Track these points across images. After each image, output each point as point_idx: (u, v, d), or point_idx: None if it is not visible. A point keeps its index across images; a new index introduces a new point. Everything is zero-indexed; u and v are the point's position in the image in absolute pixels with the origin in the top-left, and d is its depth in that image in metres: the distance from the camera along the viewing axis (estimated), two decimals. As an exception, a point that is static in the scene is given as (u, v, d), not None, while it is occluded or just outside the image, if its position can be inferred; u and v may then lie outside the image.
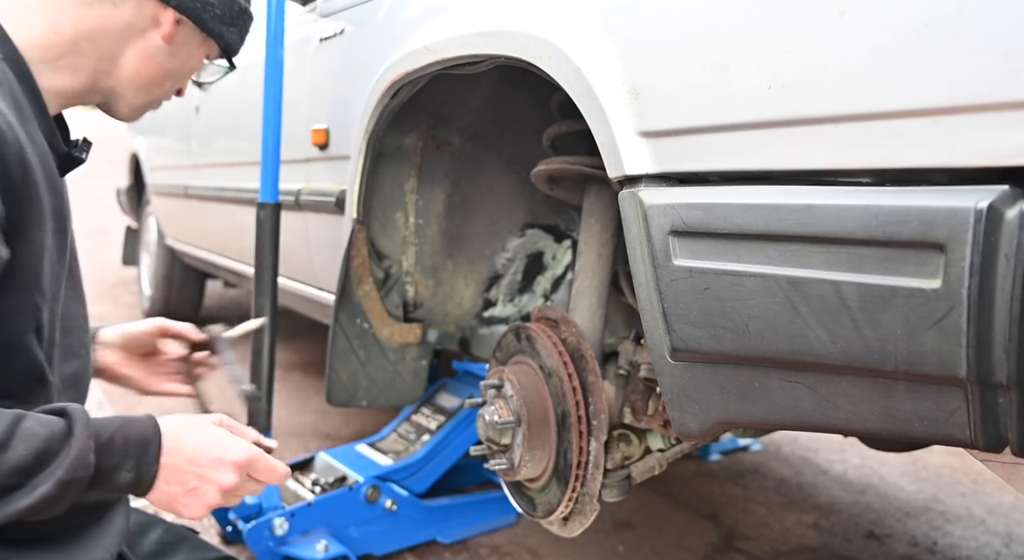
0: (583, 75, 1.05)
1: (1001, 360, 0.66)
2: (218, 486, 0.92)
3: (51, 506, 0.81)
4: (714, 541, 2.11)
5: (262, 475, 0.97)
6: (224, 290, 5.31)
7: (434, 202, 1.83)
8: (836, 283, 0.76)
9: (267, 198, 1.84)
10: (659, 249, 0.93)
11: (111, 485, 0.86)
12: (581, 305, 1.41)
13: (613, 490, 1.30)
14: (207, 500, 0.92)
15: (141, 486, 0.89)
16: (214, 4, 1.07)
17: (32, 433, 0.79)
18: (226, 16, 1.10)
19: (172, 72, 1.09)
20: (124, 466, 0.86)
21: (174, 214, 3.72)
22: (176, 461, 0.90)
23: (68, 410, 0.85)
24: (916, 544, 2.16)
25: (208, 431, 0.95)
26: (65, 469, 0.80)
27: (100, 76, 1.03)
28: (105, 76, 1.03)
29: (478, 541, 2.04)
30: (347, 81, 1.84)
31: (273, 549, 1.72)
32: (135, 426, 0.89)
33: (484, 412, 1.35)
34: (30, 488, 0.79)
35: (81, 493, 0.83)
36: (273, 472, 0.97)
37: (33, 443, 0.79)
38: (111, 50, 1.02)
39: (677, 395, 0.97)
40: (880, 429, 0.78)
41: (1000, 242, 0.65)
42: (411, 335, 1.84)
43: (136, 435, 0.88)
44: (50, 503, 0.80)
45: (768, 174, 0.85)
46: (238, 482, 0.94)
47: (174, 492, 0.90)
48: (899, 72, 0.72)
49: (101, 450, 0.84)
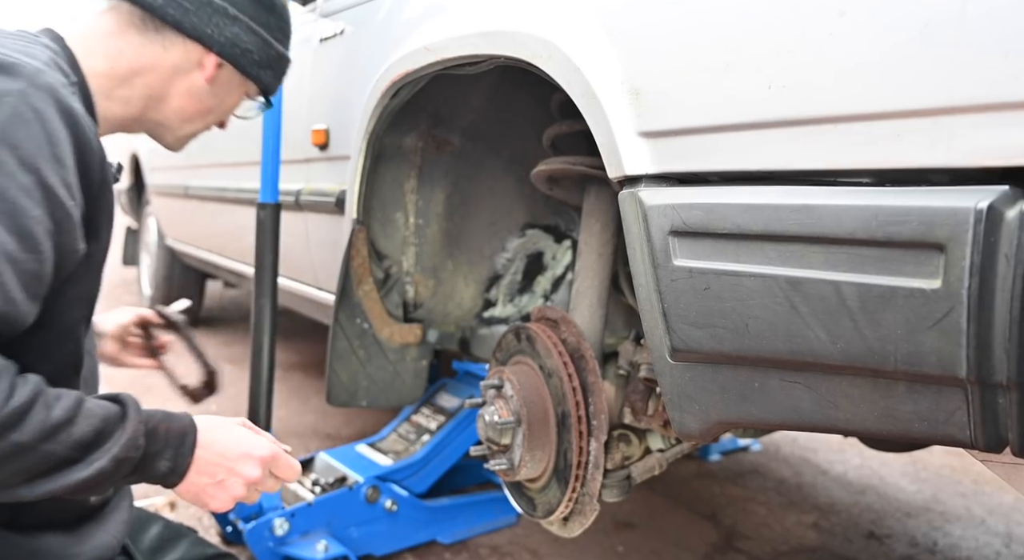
0: (583, 75, 1.05)
1: (1001, 360, 0.66)
2: (244, 479, 1.01)
3: (103, 481, 0.88)
4: (714, 541, 2.11)
5: (282, 471, 1.06)
6: (224, 290, 5.31)
7: (434, 202, 1.83)
8: (836, 283, 0.76)
9: (267, 198, 1.84)
10: (659, 249, 0.93)
11: (151, 471, 0.94)
12: (581, 305, 1.41)
13: (613, 490, 1.30)
14: (233, 492, 1.00)
15: (175, 475, 0.96)
16: (252, 50, 1.18)
17: (93, 412, 0.88)
18: (263, 61, 1.21)
19: (213, 109, 1.21)
20: (164, 455, 0.95)
21: (174, 214, 3.72)
22: (208, 454, 0.99)
23: (121, 397, 0.94)
24: (916, 544, 2.16)
25: (235, 430, 1.04)
26: (120, 447, 0.89)
27: (148, 110, 1.15)
28: (153, 110, 1.15)
29: (478, 541, 2.04)
30: (347, 81, 1.84)
31: (273, 549, 1.72)
32: (175, 420, 0.97)
33: (484, 412, 1.35)
34: (87, 463, 0.87)
35: (127, 474, 0.91)
36: (292, 469, 1.07)
37: (94, 421, 0.87)
38: (159, 87, 1.13)
39: (677, 395, 0.97)
40: (880, 429, 0.78)
41: (1000, 242, 0.65)
42: (411, 335, 1.84)
43: (176, 428, 0.97)
44: (103, 478, 0.88)
45: (768, 174, 0.85)
46: (261, 476, 1.03)
47: (203, 483, 0.99)
48: (899, 72, 0.72)
49: (148, 436, 0.93)
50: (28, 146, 0.84)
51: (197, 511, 2.11)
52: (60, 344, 0.98)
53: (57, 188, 0.87)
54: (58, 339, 0.97)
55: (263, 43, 1.19)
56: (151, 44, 1.11)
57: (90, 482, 0.87)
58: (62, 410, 0.85)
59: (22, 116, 0.84)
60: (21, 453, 0.82)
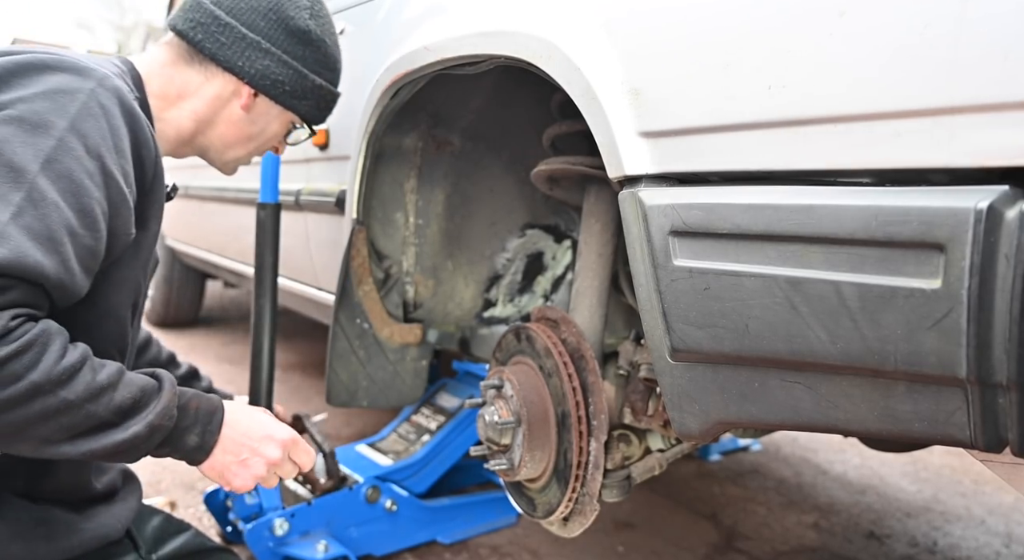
0: (583, 75, 1.05)
1: (1001, 360, 0.66)
2: (266, 460, 1.10)
3: (138, 446, 0.97)
4: (714, 541, 2.11)
5: (300, 456, 1.16)
6: (224, 290, 5.31)
7: (434, 202, 1.83)
8: (836, 283, 0.76)
9: (267, 198, 1.84)
10: (659, 249, 0.93)
11: (180, 445, 1.03)
12: (581, 305, 1.41)
13: (613, 490, 1.30)
14: (255, 471, 1.09)
15: (202, 451, 1.05)
16: (284, 81, 1.27)
17: (133, 382, 0.97)
18: (297, 92, 1.29)
19: (254, 136, 1.32)
20: (193, 430, 1.03)
21: (174, 214, 3.72)
22: (233, 434, 1.07)
23: (157, 373, 1.03)
24: (916, 544, 2.16)
25: (259, 415, 1.14)
26: (155, 415, 0.97)
27: (197, 135, 1.27)
28: (200, 135, 1.28)
29: (478, 541, 2.04)
30: (347, 81, 1.83)
31: (273, 549, 1.72)
32: (205, 400, 1.07)
33: (484, 412, 1.35)
34: (125, 427, 0.95)
35: (159, 445, 1.00)
36: (309, 454, 1.18)
37: (133, 389, 0.96)
38: (205, 113, 1.25)
39: (677, 395, 0.97)
40: (880, 429, 0.78)
41: (1000, 242, 0.65)
42: (411, 335, 1.84)
43: (206, 406, 1.06)
44: (138, 442, 0.96)
45: (768, 174, 0.85)
46: (281, 459, 1.12)
47: (228, 461, 1.07)
48: (899, 72, 0.72)
49: (180, 409, 1.02)
50: (94, 136, 0.95)
51: (197, 512, 2.11)
52: (104, 323, 1.07)
53: (116, 175, 0.97)
54: (102, 318, 1.06)
55: (296, 74, 1.27)
56: (196, 74, 1.24)
57: (125, 445, 0.95)
58: (106, 376, 0.94)
59: (91, 110, 0.96)
60: (67, 410, 0.90)
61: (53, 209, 0.89)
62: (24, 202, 0.88)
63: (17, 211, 0.87)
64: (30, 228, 0.87)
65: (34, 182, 0.89)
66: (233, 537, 1.88)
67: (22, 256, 0.86)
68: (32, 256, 0.87)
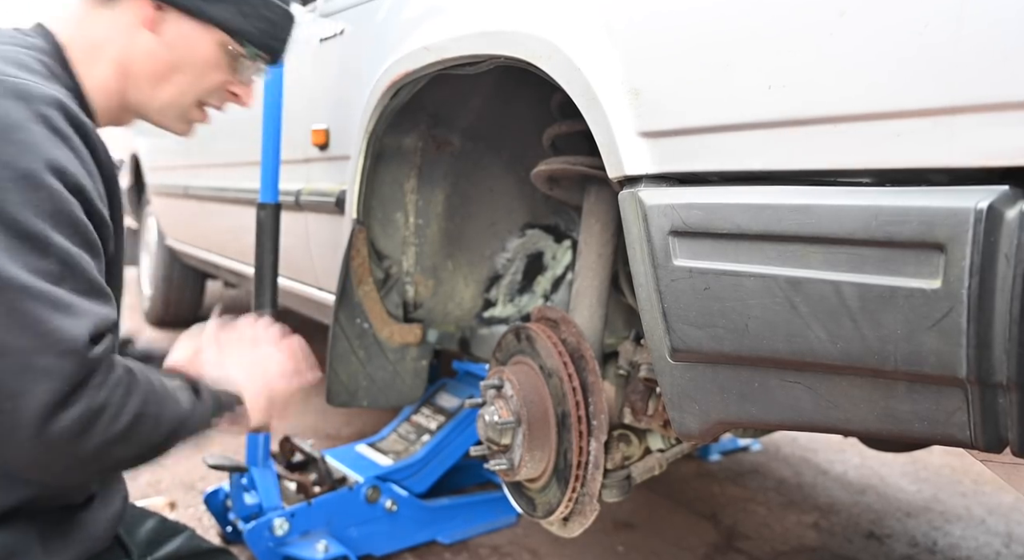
0: (583, 75, 1.05)
1: (1001, 360, 0.66)
2: (274, 349, 1.23)
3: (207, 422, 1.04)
4: (714, 541, 2.11)
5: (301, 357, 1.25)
6: (224, 290, 5.31)
7: (434, 202, 1.83)
8: (836, 283, 0.76)
9: (267, 198, 1.84)
10: (659, 249, 0.93)
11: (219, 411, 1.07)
12: (581, 305, 1.41)
13: (613, 490, 1.30)
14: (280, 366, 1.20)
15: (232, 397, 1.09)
16: None
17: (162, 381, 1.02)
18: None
19: (178, 65, 1.11)
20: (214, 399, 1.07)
21: (174, 214, 3.72)
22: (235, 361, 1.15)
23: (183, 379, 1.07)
24: (916, 544, 2.16)
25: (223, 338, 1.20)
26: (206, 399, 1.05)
27: (127, 90, 1.11)
28: (130, 88, 1.11)
29: (478, 541, 2.04)
30: (347, 81, 1.84)
31: (273, 549, 1.72)
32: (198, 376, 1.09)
33: (484, 412, 1.35)
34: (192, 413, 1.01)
35: None
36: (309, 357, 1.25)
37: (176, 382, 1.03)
38: (120, 54, 1.08)
39: (677, 395, 0.97)
40: (880, 429, 0.78)
41: (1000, 242, 0.65)
42: (411, 335, 1.84)
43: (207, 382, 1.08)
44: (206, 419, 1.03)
45: (768, 174, 0.85)
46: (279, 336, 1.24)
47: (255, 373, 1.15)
48: (899, 72, 0.72)
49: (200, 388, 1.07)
50: (69, 167, 0.90)
51: (197, 512, 2.11)
52: None
53: (96, 201, 0.94)
54: None
55: None
56: (107, 11, 1.07)
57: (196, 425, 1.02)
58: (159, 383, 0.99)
59: (51, 139, 0.89)
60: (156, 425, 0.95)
61: (80, 260, 0.90)
62: (60, 268, 0.87)
63: (60, 277, 0.87)
64: (81, 291, 0.89)
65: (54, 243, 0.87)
66: (233, 537, 1.88)
67: (99, 320, 0.89)
68: (103, 313, 0.90)
